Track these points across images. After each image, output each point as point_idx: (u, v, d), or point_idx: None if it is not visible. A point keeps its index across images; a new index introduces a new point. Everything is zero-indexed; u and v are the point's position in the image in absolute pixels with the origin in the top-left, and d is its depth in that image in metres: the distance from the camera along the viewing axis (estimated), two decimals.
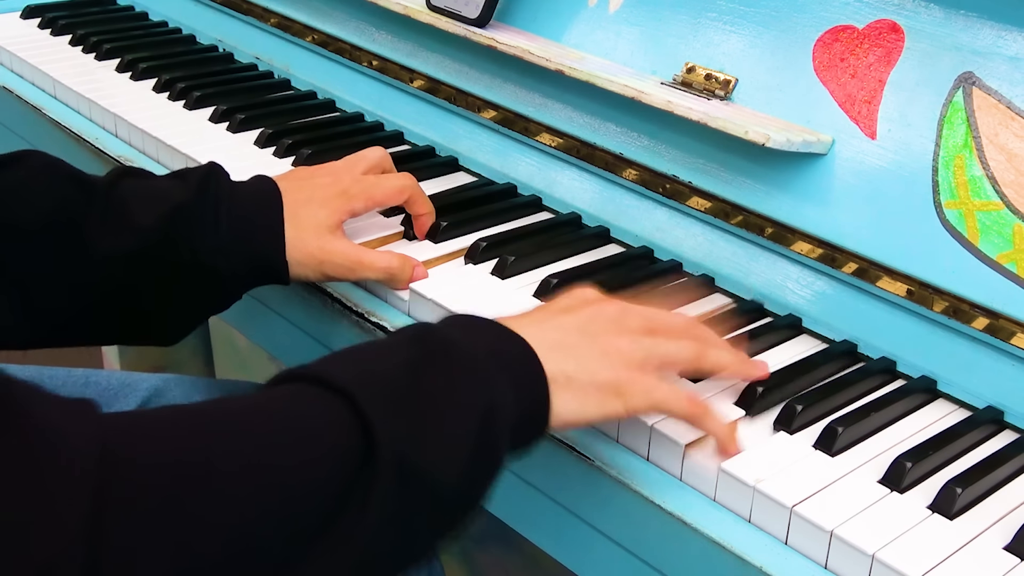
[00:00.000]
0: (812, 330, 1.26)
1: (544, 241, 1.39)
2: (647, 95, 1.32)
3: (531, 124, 1.51)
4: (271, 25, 1.88)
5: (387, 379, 0.90)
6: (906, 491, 1.02)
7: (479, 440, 0.91)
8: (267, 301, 1.40)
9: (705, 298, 1.32)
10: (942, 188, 1.17)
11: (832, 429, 1.06)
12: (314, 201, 1.27)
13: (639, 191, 1.41)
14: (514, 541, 2.04)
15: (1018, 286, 1.11)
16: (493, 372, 0.94)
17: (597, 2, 1.48)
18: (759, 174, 1.30)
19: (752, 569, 0.96)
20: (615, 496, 1.06)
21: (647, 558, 1.05)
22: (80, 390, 1.53)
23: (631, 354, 1.03)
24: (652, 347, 1.04)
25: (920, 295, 1.17)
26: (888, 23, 1.25)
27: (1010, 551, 0.96)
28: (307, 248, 1.25)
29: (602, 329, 1.04)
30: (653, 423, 1.06)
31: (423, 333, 0.96)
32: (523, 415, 0.96)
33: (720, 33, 1.37)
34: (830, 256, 1.24)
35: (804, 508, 0.98)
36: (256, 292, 1.29)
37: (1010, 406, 1.13)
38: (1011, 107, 1.15)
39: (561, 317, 1.05)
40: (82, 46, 1.92)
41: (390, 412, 0.87)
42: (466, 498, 0.93)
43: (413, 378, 0.91)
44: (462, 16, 1.53)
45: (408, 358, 0.92)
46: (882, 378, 1.18)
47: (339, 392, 0.87)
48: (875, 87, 1.24)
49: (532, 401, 0.97)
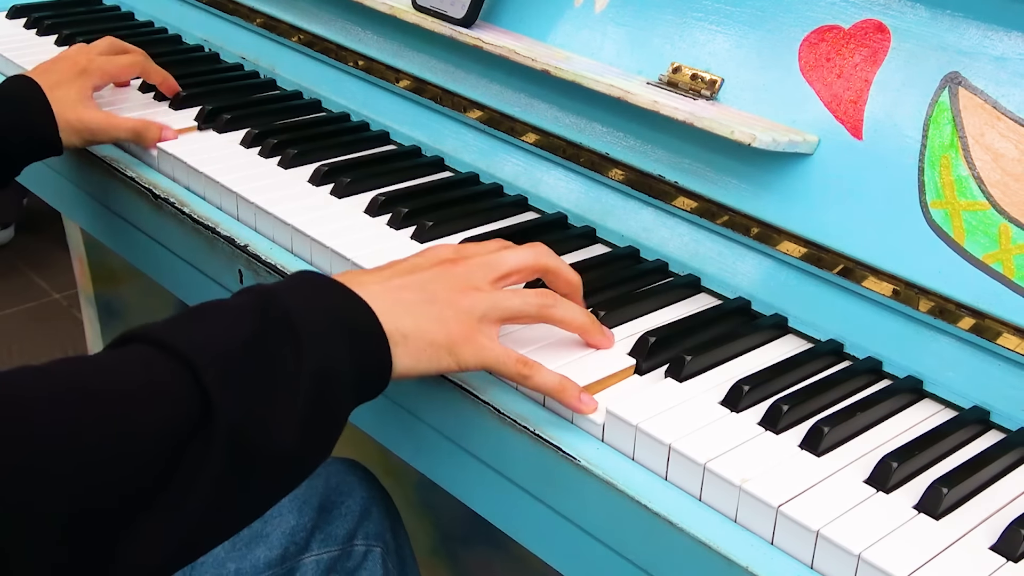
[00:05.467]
0: (798, 330, 1.26)
1: (530, 241, 1.37)
2: (633, 95, 1.31)
3: (517, 124, 1.50)
4: (257, 25, 1.87)
5: (228, 350, 0.96)
6: (892, 491, 1.01)
7: (316, 404, 0.99)
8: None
9: (691, 298, 1.31)
10: (928, 188, 1.17)
11: (818, 429, 1.06)
12: (62, 84, 1.55)
13: (625, 191, 1.40)
14: (501, 542, 2.03)
15: (1004, 286, 1.11)
16: (332, 337, 1.02)
17: (583, 2, 1.48)
18: (745, 174, 1.29)
19: (738, 569, 0.95)
20: (601, 496, 1.05)
21: (633, 558, 1.04)
22: None
23: (470, 312, 1.12)
24: (493, 305, 1.13)
25: (906, 295, 1.17)
26: (874, 23, 1.24)
27: (996, 551, 0.95)
28: (69, 121, 1.53)
29: (445, 288, 1.13)
30: (638, 423, 1.06)
31: (266, 302, 1.01)
32: (363, 374, 1.05)
33: (706, 33, 1.36)
34: (816, 256, 1.23)
35: (790, 508, 0.97)
36: None
37: (995, 406, 1.12)
38: (997, 107, 1.14)
39: (406, 276, 1.14)
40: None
41: (228, 383, 0.94)
42: (304, 457, 1.02)
43: (253, 350, 0.97)
44: (448, 16, 1.52)
45: (252, 330, 0.98)
46: (868, 378, 1.18)
47: (181, 360, 0.93)
48: (861, 87, 1.23)
49: (372, 359, 1.06)
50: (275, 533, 1.39)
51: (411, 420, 1.23)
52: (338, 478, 1.48)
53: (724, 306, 1.29)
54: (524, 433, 1.10)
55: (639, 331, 1.21)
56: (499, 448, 1.14)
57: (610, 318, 1.23)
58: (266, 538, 1.38)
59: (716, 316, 1.26)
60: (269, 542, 1.38)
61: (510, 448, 1.12)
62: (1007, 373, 1.12)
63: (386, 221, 1.40)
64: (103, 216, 1.63)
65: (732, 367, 1.19)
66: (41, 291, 3.83)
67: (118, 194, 1.57)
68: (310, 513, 1.42)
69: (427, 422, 1.21)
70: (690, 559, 0.99)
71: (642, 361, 1.17)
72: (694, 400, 1.12)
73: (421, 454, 1.24)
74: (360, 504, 1.47)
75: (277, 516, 1.40)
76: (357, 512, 1.46)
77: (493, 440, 1.14)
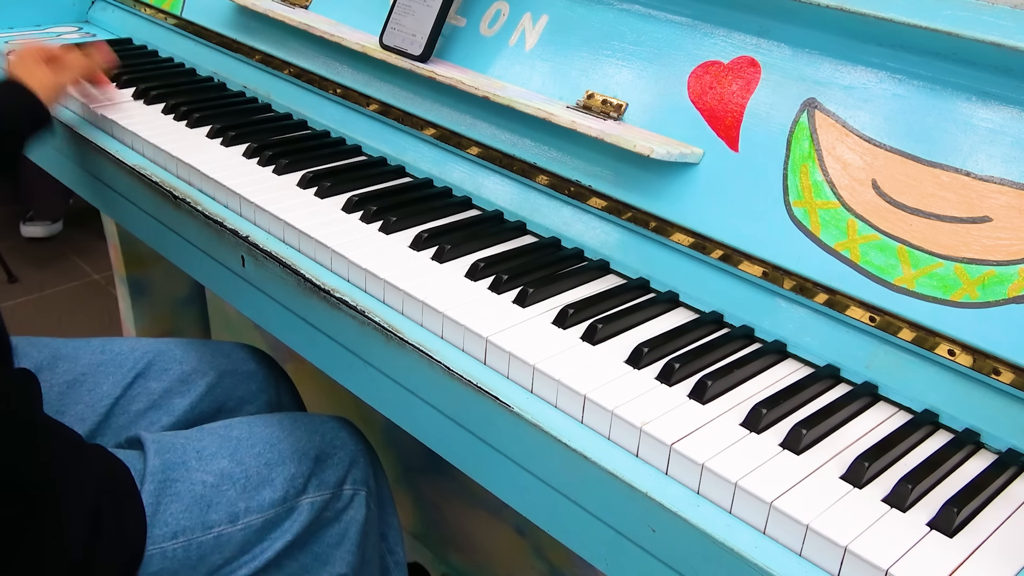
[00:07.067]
0: (687, 303, 1.23)
1: (473, 233, 1.35)
2: (555, 116, 1.29)
3: (463, 139, 1.47)
4: (256, 60, 1.83)
5: None
6: (762, 432, 1.00)
7: None
8: (261, 286, 1.36)
9: (602, 278, 1.28)
10: (791, 190, 1.15)
11: (703, 382, 1.04)
12: (35, 74, 1.58)
13: (549, 193, 1.37)
14: (450, 472, 2.01)
15: (851, 269, 1.09)
16: None
17: (516, 42, 1.45)
18: (645, 179, 1.27)
19: (639, 494, 0.93)
20: (531, 436, 1.03)
21: (555, 485, 1.02)
22: (98, 356, 1.54)
23: None
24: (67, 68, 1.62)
25: (773, 276, 1.15)
26: (748, 59, 1.22)
27: (845, 480, 0.95)
28: (47, 95, 1.57)
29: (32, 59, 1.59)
30: (559, 378, 1.03)
31: None
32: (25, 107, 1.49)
33: (614, 67, 1.34)
34: (701, 244, 1.21)
35: (682, 445, 0.95)
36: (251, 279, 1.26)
37: (845, 364, 1.10)
38: (845, 126, 1.13)
39: None
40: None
41: None
42: None
43: None
44: (408, 53, 1.49)
45: None
46: (743, 341, 1.16)
47: None
48: (737, 110, 1.21)
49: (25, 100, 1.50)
50: (278, 479, 1.38)
51: (381, 379, 1.21)
52: (332, 434, 1.48)
53: (628, 284, 1.26)
54: (468, 386, 1.08)
55: (560, 304, 1.19)
56: (446, 397, 1.12)
57: (537, 294, 1.20)
58: (271, 482, 1.37)
59: (621, 292, 1.23)
60: (273, 486, 1.37)
61: (456, 396, 1.10)
62: (854, 338, 1.10)
63: (359, 217, 1.37)
64: (133, 212, 1.59)
65: (635, 333, 1.16)
66: (83, 273, 3.78)
67: (145, 195, 1.54)
68: (308, 463, 1.41)
69: (392, 377, 1.19)
70: (599, 487, 0.97)
71: (562, 326, 1.15)
72: (605, 360, 1.09)
73: (387, 404, 1.22)
74: (349, 455, 1.47)
75: (280, 464, 1.38)
76: (347, 462, 1.46)
77: (444, 391, 1.12)
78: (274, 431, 1.42)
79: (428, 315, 1.16)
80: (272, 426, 1.43)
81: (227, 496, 1.32)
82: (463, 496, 2.01)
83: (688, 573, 0.92)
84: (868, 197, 1.09)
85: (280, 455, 1.39)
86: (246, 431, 1.41)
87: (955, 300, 1.03)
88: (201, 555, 1.28)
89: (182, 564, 1.26)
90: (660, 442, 0.96)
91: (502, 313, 1.17)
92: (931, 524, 0.90)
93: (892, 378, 1.08)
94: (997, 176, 1.03)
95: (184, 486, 1.29)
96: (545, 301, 1.21)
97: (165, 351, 1.58)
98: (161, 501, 1.26)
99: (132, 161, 1.57)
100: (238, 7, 1.87)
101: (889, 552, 0.85)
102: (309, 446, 1.42)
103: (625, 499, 0.95)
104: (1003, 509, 0.94)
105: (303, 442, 1.42)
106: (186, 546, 1.26)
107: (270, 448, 1.39)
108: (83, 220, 4.04)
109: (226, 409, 1.60)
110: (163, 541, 1.25)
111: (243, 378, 1.63)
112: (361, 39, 1.58)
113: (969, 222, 1.03)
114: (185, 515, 1.27)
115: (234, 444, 1.38)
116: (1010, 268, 1.00)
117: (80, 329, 3.14)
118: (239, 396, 1.62)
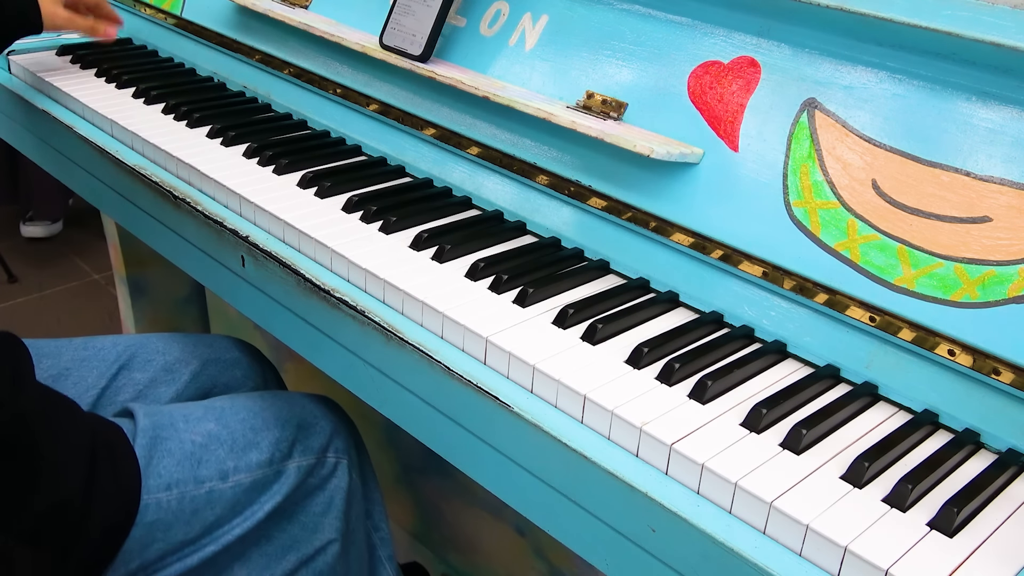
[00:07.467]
0: (687, 303, 1.23)
1: (473, 233, 1.35)
2: (555, 116, 1.29)
3: (463, 139, 1.47)
4: (256, 60, 1.83)
5: None
6: (762, 432, 0.99)
7: None
8: (261, 286, 1.36)
9: (602, 278, 1.28)
10: (791, 190, 1.15)
11: (703, 382, 1.03)
12: None
13: (549, 193, 1.37)
14: (450, 472, 2.01)
15: (851, 269, 1.09)
16: None
17: (516, 42, 1.45)
18: (645, 179, 1.27)
19: (639, 494, 0.93)
20: (530, 436, 1.03)
21: (555, 484, 1.02)
22: (80, 352, 1.57)
23: None
24: None
25: (773, 276, 1.14)
26: (748, 59, 1.22)
27: (845, 480, 0.95)
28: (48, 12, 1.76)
29: None
30: (559, 378, 1.03)
31: None
32: None
33: (614, 67, 1.34)
34: (701, 244, 1.21)
35: (682, 445, 0.95)
36: None
37: (845, 364, 1.10)
38: (845, 126, 1.13)
39: None
40: (105, 77, 1.87)
41: None
42: None
43: None
44: (408, 53, 1.49)
45: None
46: (743, 341, 1.15)
47: None
48: (737, 110, 1.21)
49: None
50: (264, 442, 1.41)
51: (381, 379, 1.21)
52: (311, 407, 1.53)
53: (628, 284, 1.26)
54: (468, 386, 1.08)
55: (560, 304, 1.19)
56: (446, 397, 1.12)
57: (537, 294, 1.20)
58: (257, 445, 1.40)
59: (621, 292, 1.23)
60: (260, 448, 1.41)
61: (455, 396, 1.10)
62: (854, 338, 1.10)
63: (359, 216, 1.37)
64: (133, 212, 1.59)
65: (635, 333, 1.16)
66: (83, 272, 3.78)
67: (145, 195, 1.54)
68: (291, 429, 1.45)
69: (392, 377, 1.19)
70: (599, 487, 0.97)
71: (562, 326, 1.15)
72: (605, 360, 1.09)
73: (388, 404, 1.22)
74: (331, 426, 1.52)
75: (265, 430, 1.43)
76: (328, 431, 1.51)
77: (444, 391, 1.12)
78: (256, 403, 1.47)
79: (428, 315, 1.16)
80: (254, 399, 1.48)
81: (216, 455, 1.36)
82: (463, 496, 2.01)
83: (688, 573, 0.92)
84: (868, 197, 1.09)
85: (264, 422, 1.44)
86: (229, 403, 1.46)
87: (955, 300, 1.03)
88: (194, 509, 1.31)
89: (176, 516, 1.29)
90: (660, 442, 0.96)
91: (502, 313, 1.17)
92: (931, 524, 0.90)
93: (892, 378, 1.07)
94: (997, 176, 1.03)
95: (174, 444, 1.34)
96: (545, 301, 1.21)
97: (147, 344, 1.62)
98: (153, 456, 1.30)
99: (132, 161, 1.57)
100: (238, 7, 1.87)
101: (889, 552, 0.85)
102: (291, 415, 1.47)
103: (625, 499, 0.95)
104: (1003, 509, 0.93)
105: (285, 412, 1.47)
106: (179, 498, 1.30)
107: (254, 415, 1.44)
108: (83, 220, 4.04)
109: (212, 396, 1.61)
110: (157, 491, 1.28)
111: (227, 365, 1.67)
112: (361, 39, 1.58)
113: (969, 222, 1.03)
114: (177, 469, 1.31)
115: (219, 412, 1.43)
116: (1010, 268, 1.00)
117: (80, 329, 3.14)
118: (224, 383, 1.65)
